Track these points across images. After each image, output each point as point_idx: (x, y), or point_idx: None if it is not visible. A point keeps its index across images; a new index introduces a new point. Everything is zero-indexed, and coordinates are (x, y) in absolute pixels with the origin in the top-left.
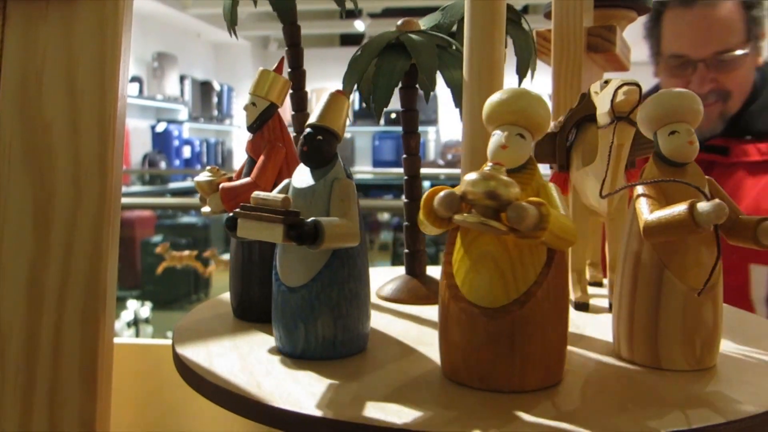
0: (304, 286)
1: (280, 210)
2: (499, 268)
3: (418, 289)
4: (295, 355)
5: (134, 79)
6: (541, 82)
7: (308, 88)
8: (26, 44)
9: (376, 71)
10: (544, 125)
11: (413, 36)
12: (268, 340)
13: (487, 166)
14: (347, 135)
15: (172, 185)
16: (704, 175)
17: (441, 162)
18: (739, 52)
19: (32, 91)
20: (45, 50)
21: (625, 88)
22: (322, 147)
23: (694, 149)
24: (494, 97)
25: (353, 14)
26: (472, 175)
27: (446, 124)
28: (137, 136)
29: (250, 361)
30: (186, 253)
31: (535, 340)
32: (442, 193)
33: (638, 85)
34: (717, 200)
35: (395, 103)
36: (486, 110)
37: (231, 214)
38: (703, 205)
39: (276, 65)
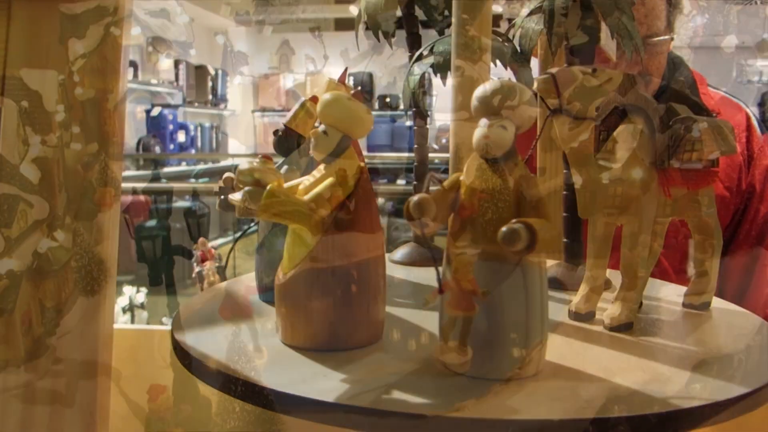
0: (259, 246)
1: (221, 186)
2: (289, 245)
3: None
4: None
5: (128, 63)
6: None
7: (304, 72)
8: (30, 42)
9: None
10: (344, 124)
11: (447, 41)
12: (267, 328)
13: (257, 160)
14: None
15: (167, 170)
16: (522, 172)
17: (435, 146)
18: (664, 37)
19: (36, 87)
20: (48, 48)
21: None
22: (281, 140)
23: (486, 144)
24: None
25: None
26: (243, 166)
27: (440, 109)
28: (131, 121)
29: (247, 347)
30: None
31: (297, 307)
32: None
33: (553, 74)
34: (421, 195)
35: (391, 89)
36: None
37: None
38: None
39: (341, 75)
